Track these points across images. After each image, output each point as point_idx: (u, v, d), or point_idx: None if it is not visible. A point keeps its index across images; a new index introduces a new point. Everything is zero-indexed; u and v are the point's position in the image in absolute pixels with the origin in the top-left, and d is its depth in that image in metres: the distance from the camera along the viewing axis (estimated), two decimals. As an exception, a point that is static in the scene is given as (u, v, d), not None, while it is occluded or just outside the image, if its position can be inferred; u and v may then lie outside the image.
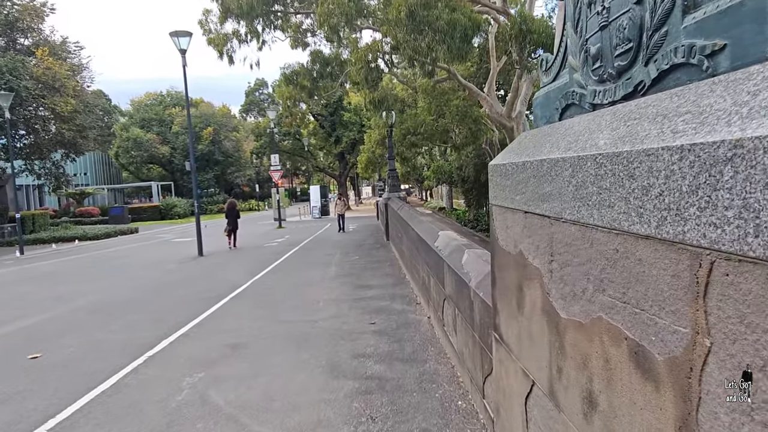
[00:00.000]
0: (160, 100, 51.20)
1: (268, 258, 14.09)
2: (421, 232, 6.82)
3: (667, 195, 1.16)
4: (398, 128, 20.78)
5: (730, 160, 0.97)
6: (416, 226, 7.56)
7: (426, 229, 6.88)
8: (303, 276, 10.61)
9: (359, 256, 13.12)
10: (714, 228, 1.02)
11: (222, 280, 10.66)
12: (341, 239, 18.38)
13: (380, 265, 11.24)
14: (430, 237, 6.23)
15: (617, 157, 1.38)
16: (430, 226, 6.91)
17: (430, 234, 6.36)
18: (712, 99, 1.14)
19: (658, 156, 1.19)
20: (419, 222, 7.66)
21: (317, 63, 18.74)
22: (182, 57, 16.20)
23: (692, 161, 1.07)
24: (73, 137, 27.50)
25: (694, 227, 1.07)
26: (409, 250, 8.70)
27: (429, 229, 6.84)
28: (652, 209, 1.22)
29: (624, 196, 1.35)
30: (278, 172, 27.67)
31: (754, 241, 0.92)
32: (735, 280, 0.98)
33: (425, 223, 7.27)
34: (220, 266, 13.11)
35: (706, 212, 1.04)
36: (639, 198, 1.28)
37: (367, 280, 9.56)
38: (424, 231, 6.83)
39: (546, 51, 15.24)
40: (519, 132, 17.81)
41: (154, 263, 14.58)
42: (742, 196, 0.94)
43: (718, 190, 1.00)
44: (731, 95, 1.08)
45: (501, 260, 2.61)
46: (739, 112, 1.01)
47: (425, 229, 6.90)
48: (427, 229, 6.87)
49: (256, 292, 9.17)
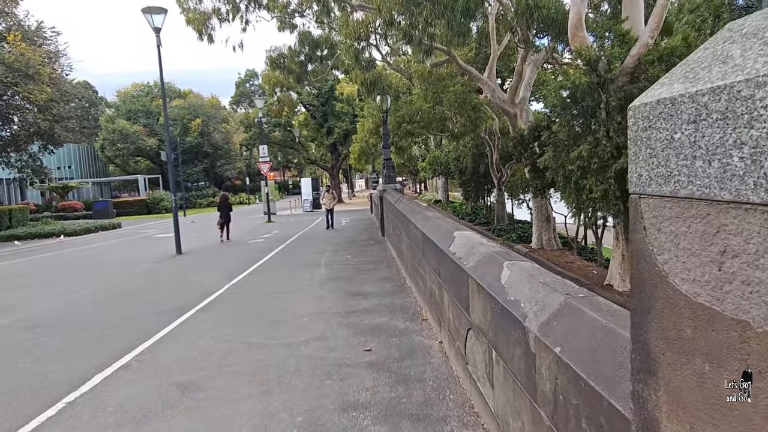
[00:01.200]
0: (147, 91, 49.12)
1: (251, 256, 12.56)
2: (429, 232, 5.30)
3: None
4: (393, 116, 19.21)
5: None
6: (420, 224, 6.05)
7: (434, 228, 5.37)
8: (287, 279, 9.09)
9: (352, 255, 11.61)
10: None
11: (194, 285, 9.11)
12: (332, 235, 16.84)
13: (375, 266, 9.73)
14: (441, 238, 4.72)
15: None
16: (440, 224, 5.39)
17: (442, 234, 4.85)
18: None
19: None
20: (424, 218, 6.14)
21: (306, 45, 17.13)
22: (156, 36, 14.51)
23: None
24: (50, 127, 25.63)
25: None
26: (410, 250, 7.19)
27: (438, 227, 5.33)
28: None
29: None
30: (267, 164, 26.05)
31: None
32: None
33: (432, 220, 5.75)
34: (197, 267, 11.55)
35: None
36: None
37: (361, 285, 8.05)
38: (432, 230, 5.32)
39: (555, 29, 13.70)
40: (522, 119, 16.38)
41: (125, 264, 12.98)
42: None
43: None
44: None
45: (670, 312, 1.12)
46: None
47: (433, 228, 5.38)
48: (436, 227, 5.36)
49: (229, 302, 7.62)
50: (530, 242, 16.73)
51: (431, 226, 5.44)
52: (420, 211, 6.87)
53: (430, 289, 5.38)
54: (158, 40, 14.48)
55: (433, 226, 5.41)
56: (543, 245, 16.32)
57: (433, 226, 5.41)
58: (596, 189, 9.83)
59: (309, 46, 16.79)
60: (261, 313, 6.78)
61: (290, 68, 17.21)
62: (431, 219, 5.84)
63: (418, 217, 6.49)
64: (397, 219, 9.03)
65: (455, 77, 19.36)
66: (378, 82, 12.57)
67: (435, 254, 4.86)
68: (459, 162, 23.23)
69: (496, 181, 20.79)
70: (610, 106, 10.03)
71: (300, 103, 38.35)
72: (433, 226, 5.45)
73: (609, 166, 9.78)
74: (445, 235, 4.70)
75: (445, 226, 5.09)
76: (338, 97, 37.34)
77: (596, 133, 10.01)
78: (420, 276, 6.18)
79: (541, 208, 16.32)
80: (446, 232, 4.77)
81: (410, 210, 7.44)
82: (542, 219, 16.43)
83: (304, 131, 39.76)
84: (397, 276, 8.52)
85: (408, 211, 7.40)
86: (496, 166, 20.59)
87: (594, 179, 10.00)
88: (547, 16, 12.31)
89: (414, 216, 6.81)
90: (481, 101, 19.06)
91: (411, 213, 7.18)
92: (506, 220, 21.63)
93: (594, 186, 9.95)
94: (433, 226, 5.41)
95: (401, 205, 8.95)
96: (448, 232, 4.75)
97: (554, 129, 11.10)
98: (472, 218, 22.66)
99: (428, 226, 5.57)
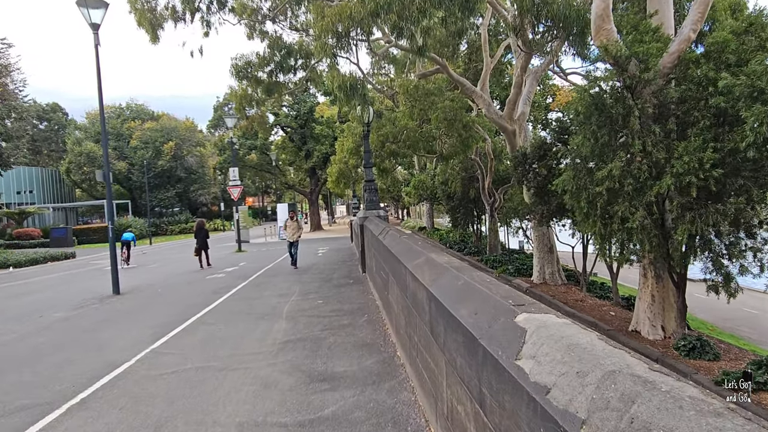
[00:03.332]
0: (118, 113, 46.02)
1: (200, 300, 9.80)
2: (452, 303, 2.75)
3: None
4: (375, 133, 16.87)
5: None
6: (427, 277, 3.50)
7: (459, 292, 2.81)
8: (231, 342, 6.36)
9: (324, 300, 8.92)
10: None
11: (98, 351, 6.32)
12: (304, 269, 14.13)
13: (353, 320, 7.07)
14: (489, 327, 2.17)
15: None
16: (468, 283, 2.83)
17: (486, 314, 2.29)
18: None
19: None
20: (433, 267, 3.59)
21: (277, 52, 14.74)
22: (94, 35, 11.95)
23: None
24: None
25: None
26: (405, 312, 4.59)
27: (467, 291, 2.77)
28: None
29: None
30: (238, 188, 23.33)
31: None
32: None
33: (450, 272, 3.19)
34: (124, 316, 8.72)
35: None
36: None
37: (331, 357, 5.38)
38: (458, 298, 2.76)
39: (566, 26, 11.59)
40: (521, 137, 14.17)
41: (42, 308, 10.07)
42: None
43: None
44: None
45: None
46: None
47: (458, 292, 2.83)
48: (463, 291, 2.80)
49: (126, 392, 4.84)
50: (530, 276, 14.37)
51: (454, 290, 2.88)
52: (420, 252, 4.29)
53: (449, 404, 2.80)
54: (96, 39, 11.91)
55: (456, 290, 2.85)
56: (545, 279, 13.92)
57: (456, 290, 2.85)
58: (633, 217, 7.46)
59: (280, 53, 14.40)
60: (167, 419, 4.05)
61: (258, 78, 14.75)
62: (447, 270, 3.27)
63: (420, 264, 3.92)
64: (383, 258, 6.44)
65: (444, 93, 17.18)
66: (358, 87, 10.16)
67: (469, 354, 2.30)
68: (447, 186, 20.91)
69: (488, 207, 18.45)
70: (644, 114, 7.74)
71: (277, 124, 35.91)
72: (455, 288, 2.88)
73: (647, 188, 7.43)
74: (497, 317, 2.15)
75: (488, 294, 2.51)
76: (318, 119, 35.02)
77: (630, 148, 7.71)
78: (424, 363, 3.59)
79: (543, 238, 13.97)
80: (496, 310, 2.23)
81: (405, 249, 4.86)
82: (544, 250, 14.06)
83: (282, 154, 37.16)
84: (383, 340, 5.87)
85: (402, 252, 4.82)
86: (489, 190, 18.30)
87: (628, 204, 7.63)
88: (557, 12, 10.21)
89: (412, 259, 4.25)
90: (472, 119, 16.87)
91: (407, 254, 4.60)
92: (499, 249, 19.25)
93: (629, 213, 7.57)
94: (456, 290, 2.85)
95: (389, 238, 6.37)
96: (501, 310, 2.20)
97: (574, 144, 8.73)
98: (460, 247, 20.26)
99: (447, 287, 3.01)
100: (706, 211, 6.96)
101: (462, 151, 16.93)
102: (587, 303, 11.81)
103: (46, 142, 49.05)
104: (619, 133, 7.94)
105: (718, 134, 7.02)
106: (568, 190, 8.68)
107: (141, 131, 42.88)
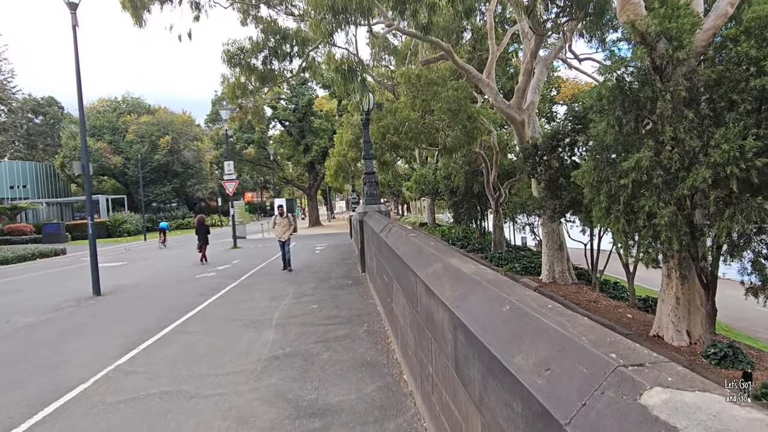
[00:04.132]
0: (114, 107, 44.83)
1: (185, 302, 8.86)
2: (502, 339, 1.80)
3: None
4: (376, 125, 15.90)
5: None
6: (449, 292, 2.55)
7: (509, 323, 1.86)
8: (208, 359, 5.40)
9: (319, 304, 7.97)
10: None
11: (57, 365, 5.37)
12: (300, 268, 13.18)
13: (352, 331, 6.12)
14: (572, 390, 1.22)
15: None
16: (520, 310, 1.87)
17: (564, 365, 1.35)
18: None
19: None
20: (457, 278, 2.63)
21: (272, 37, 13.73)
22: (72, 15, 10.95)
23: None
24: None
25: None
26: (413, 328, 3.64)
27: (517, 320, 1.81)
28: None
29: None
30: (233, 182, 22.32)
31: None
32: None
33: (485, 287, 2.24)
34: (97, 323, 7.76)
35: None
36: None
37: (325, 380, 4.43)
38: (507, 329, 1.81)
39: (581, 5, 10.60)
40: (530, 128, 13.21)
41: (14, 310, 9.15)
42: None
43: None
44: None
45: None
46: None
47: (508, 322, 1.88)
48: (513, 321, 1.84)
49: (68, 430, 3.91)
50: (538, 274, 13.46)
51: (497, 319, 1.92)
52: (435, 256, 3.33)
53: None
54: (74, 20, 10.91)
55: (501, 319, 1.89)
56: (555, 278, 12.98)
57: (501, 319, 1.89)
58: (662, 212, 6.50)
59: (275, 38, 13.40)
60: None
61: (252, 66, 13.75)
62: (480, 287, 2.32)
63: (437, 273, 2.96)
64: (386, 260, 5.48)
65: (447, 83, 16.18)
66: (356, 69, 9.18)
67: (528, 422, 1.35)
68: (450, 181, 19.92)
69: (493, 202, 17.49)
70: (676, 98, 6.77)
71: (274, 118, 34.83)
72: (499, 316, 1.92)
73: (679, 180, 6.48)
74: (597, 385, 1.20)
75: (564, 334, 1.55)
76: (316, 113, 33.95)
77: (659, 135, 6.76)
78: (443, 406, 2.64)
79: (552, 234, 13.02)
80: (591, 369, 1.28)
81: (414, 251, 3.89)
82: (554, 247, 13.11)
83: (280, 149, 36.09)
84: (386, 357, 4.92)
85: (410, 254, 3.85)
86: (494, 184, 17.33)
87: (656, 199, 6.67)
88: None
89: (424, 265, 3.29)
90: (478, 110, 15.89)
91: (417, 258, 3.64)
92: (504, 246, 18.31)
93: (657, 208, 6.61)
94: (501, 319, 1.89)
95: (392, 237, 5.40)
96: (600, 369, 1.25)
97: (595, 132, 7.76)
98: (463, 244, 19.33)
99: (484, 313, 2.05)
100: (747, 206, 6.03)
101: (467, 144, 15.93)
102: (601, 304, 10.91)
103: (41, 136, 47.93)
104: (645, 120, 7.01)
105: (760, 120, 6.09)
106: (587, 183, 7.73)
107: (137, 125, 41.73)
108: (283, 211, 13.06)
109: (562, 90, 27.32)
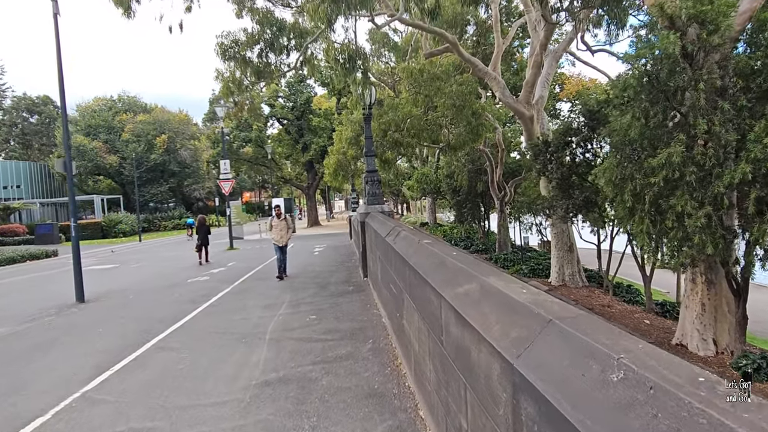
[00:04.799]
0: (109, 106, 43.92)
1: (173, 310, 8.12)
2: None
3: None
4: (377, 121, 15.16)
5: None
6: (499, 332, 1.83)
7: (634, 409, 1.10)
8: (191, 382, 4.66)
9: (318, 315, 7.22)
10: None
11: (17, 391, 4.63)
12: (297, 272, 12.43)
13: (354, 349, 5.37)
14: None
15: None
16: (655, 387, 1.13)
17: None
18: None
19: None
20: (508, 308, 1.90)
21: (267, 29, 12.97)
22: (53, 3, 10.18)
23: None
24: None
25: None
26: (434, 357, 2.90)
27: (648, 410, 1.05)
28: None
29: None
30: (229, 182, 21.55)
31: None
32: None
33: (560, 329, 1.51)
34: (73, 336, 7.01)
35: None
36: None
37: (325, 417, 3.67)
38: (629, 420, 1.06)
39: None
40: (539, 125, 12.51)
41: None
42: None
43: None
44: None
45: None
46: None
47: (633, 409, 1.12)
48: (633, 408, 1.09)
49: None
50: (547, 277, 12.76)
51: (604, 398, 1.19)
52: (465, 272, 2.59)
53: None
54: (55, 7, 10.15)
55: (612, 401, 1.15)
56: (565, 281, 12.28)
57: (612, 401, 1.15)
58: (697, 214, 5.76)
59: (271, 29, 12.63)
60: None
61: (247, 59, 12.98)
62: (552, 328, 1.58)
63: (471, 296, 2.23)
64: (395, 269, 4.73)
65: (451, 78, 15.45)
66: (357, 59, 8.45)
67: None
68: (452, 180, 19.19)
69: (498, 202, 16.77)
70: (709, 87, 6.03)
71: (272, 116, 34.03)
72: (606, 393, 1.19)
73: (713, 178, 5.76)
74: None
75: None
76: (315, 111, 33.16)
77: (691, 128, 6.03)
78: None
79: (562, 235, 12.31)
80: None
81: (434, 263, 3.13)
82: (564, 249, 12.40)
83: (278, 148, 35.29)
84: (396, 384, 4.18)
85: (429, 268, 3.09)
86: (499, 183, 16.62)
87: (688, 198, 5.93)
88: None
89: (451, 283, 2.55)
90: (482, 106, 15.17)
91: (438, 272, 2.89)
92: (509, 247, 17.60)
93: (691, 208, 5.87)
94: (612, 401, 1.15)
95: (402, 243, 4.64)
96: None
97: (618, 125, 7.03)
98: (466, 244, 18.61)
99: (579, 386, 1.32)
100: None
101: (471, 141, 15.21)
102: (615, 309, 10.20)
103: (37, 135, 47.02)
104: (673, 112, 6.29)
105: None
106: (608, 181, 7.00)
107: (133, 124, 40.86)
108: (281, 211, 12.21)
109: (566, 87, 26.62)
